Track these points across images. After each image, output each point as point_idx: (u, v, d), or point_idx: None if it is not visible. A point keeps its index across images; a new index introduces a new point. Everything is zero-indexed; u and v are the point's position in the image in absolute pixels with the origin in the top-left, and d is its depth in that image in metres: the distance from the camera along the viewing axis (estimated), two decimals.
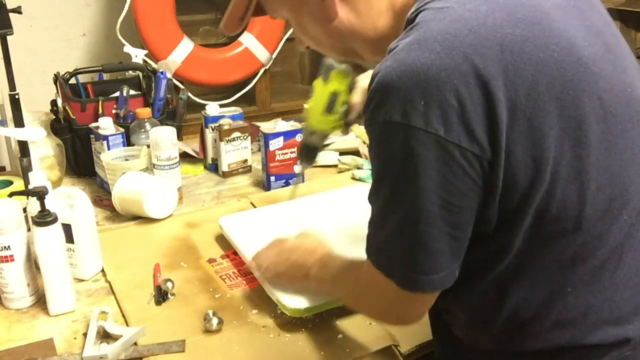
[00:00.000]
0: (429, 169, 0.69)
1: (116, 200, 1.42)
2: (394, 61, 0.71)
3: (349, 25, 0.85)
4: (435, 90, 0.68)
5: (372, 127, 0.74)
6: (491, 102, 0.68)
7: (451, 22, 0.71)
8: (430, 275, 0.75)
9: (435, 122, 0.68)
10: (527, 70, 0.70)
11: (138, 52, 1.87)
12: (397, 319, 0.88)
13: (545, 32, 0.72)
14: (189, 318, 1.08)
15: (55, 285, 1.09)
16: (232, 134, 1.63)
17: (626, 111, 0.76)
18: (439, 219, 0.72)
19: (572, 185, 0.73)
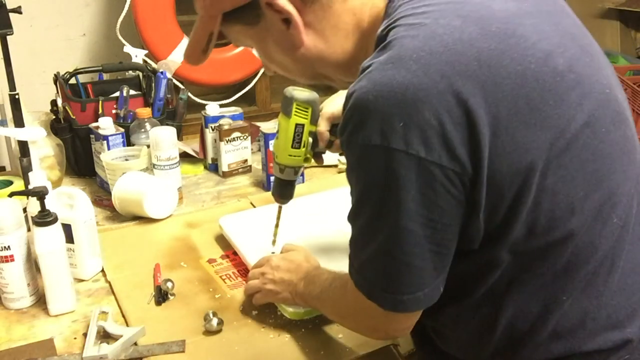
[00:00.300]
0: (411, 189, 0.69)
1: (116, 200, 1.42)
2: (369, 81, 0.70)
3: (316, 52, 0.84)
4: (413, 111, 0.67)
5: (350, 149, 0.72)
6: (471, 119, 0.67)
7: (425, 39, 0.70)
8: (414, 294, 0.75)
9: (416, 143, 0.67)
10: (506, 84, 0.69)
11: (138, 52, 1.87)
12: (385, 335, 0.89)
13: (520, 43, 0.71)
14: (189, 318, 1.07)
15: (55, 285, 1.09)
16: (232, 134, 1.63)
17: (607, 113, 0.76)
18: (422, 237, 0.71)
19: (559, 195, 0.72)
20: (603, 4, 3.05)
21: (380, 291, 0.76)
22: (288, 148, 1.07)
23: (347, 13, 0.82)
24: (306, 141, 1.06)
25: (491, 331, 0.80)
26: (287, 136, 1.06)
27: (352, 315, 0.88)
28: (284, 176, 1.11)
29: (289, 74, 0.91)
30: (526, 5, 0.76)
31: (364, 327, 0.88)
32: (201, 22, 0.86)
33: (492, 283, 0.77)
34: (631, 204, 0.79)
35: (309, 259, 1.09)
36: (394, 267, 0.74)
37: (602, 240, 0.76)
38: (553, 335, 0.78)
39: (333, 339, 1.02)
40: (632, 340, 0.78)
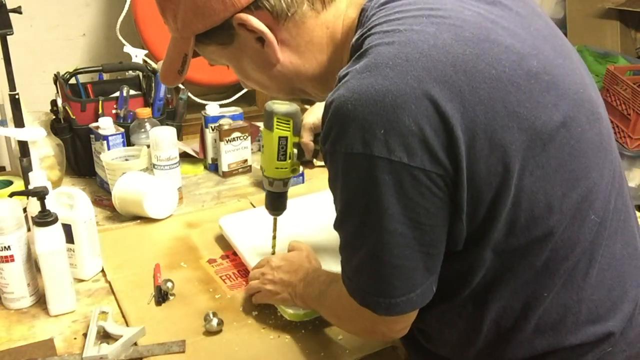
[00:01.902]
0: (396, 194, 0.69)
1: (116, 200, 1.42)
2: (347, 90, 0.70)
3: (292, 68, 0.84)
4: (393, 117, 0.67)
5: (333, 158, 0.73)
6: (449, 125, 0.67)
7: (401, 45, 0.70)
8: (407, 295, 0.75)
9: (398, 149, 0.67)
10: (482, 89, 0.69)
11: (138, 52, 1.87)
12: (382, 336, 0.89)
13: (494, 48, 0.72)
14: (189, 318, 1.07)
15: (55, 285, 1.09)
16: (232, 134, 1.63)
17: (582, 112, 0.77)
18: (411, 238, 0.72)
19: (538, 195, 0.73)
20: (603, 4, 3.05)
21: (373, 296, 0.77)
22: (274, 161, 1.07)
23: (320, 27, 0.82)
24: (291, 153, 1.07)
25: (477, 330, 0.81)
26: (272, 150, 1.07)
27: (349, 319, 0.88)
28: (274, 189, 1.12)
29: (266, 90, 0.91)
30: (497, 10, 0.77)
31: (361, 329, 0.89)
32: (174, 44, 0.86)
33: (476, 284, 0.78)
34: (608, 200, 0.80)
35: (311, 260, 1.09)
36: (385, 271, 0.74)
37: (581, 236, 0.77)
38: (536, 331, 0.79)
39: (333, 340, 1.02)
40: (614, 333, 0.80)
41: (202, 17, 0.80)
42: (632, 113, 2.55)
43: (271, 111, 1.05)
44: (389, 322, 0.80)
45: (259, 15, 0.79)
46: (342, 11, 0.83)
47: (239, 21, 0.79)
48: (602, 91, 2.70)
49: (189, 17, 0.80)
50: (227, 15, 0.79)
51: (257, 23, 0.79)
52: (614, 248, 0.81)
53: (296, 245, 1.15)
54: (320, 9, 0.81)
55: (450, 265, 0.77)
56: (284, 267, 1.07)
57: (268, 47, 0.81)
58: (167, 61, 0.88)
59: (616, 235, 0.81)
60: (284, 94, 0.92)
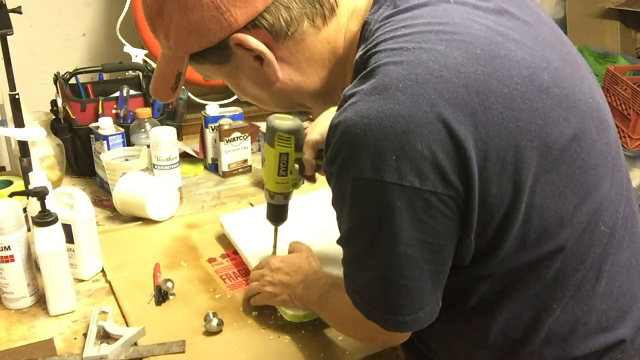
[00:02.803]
0: (408, 219, 0.68)
1: (117, 201, 1.42)
2: (355, 113, 0.67)
3: (292, 85, 0.82)
4: (405, 143, 0.65)
5: (340, 182, 0.71)
6: (461, 147, 0.66)
7: (410, 66, 0.67)
8: (416, 313, 0.75)
9: (410, 174, 0.66)
10: (494, 109, 0.67)
11: (138, 52, 1.87)
12: (383, 344, 0.90)
13: (505, 64, 0.70)
14: (189, 318, 1.07)
15: (55, 285, 1.09)
16: (232, 134, 1.63)
17: (592, 123, 0.75)
18: (421, 260, 0.71)
19: (549, 211, 0.72)
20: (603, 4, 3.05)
21: (381, 313, 0.76)
22: (275, 176, 1.07)
23: (321, 43, 0.80)
24: (292, 168, 1.06)
25: (484, 340, 0.80)
26: (273, 165, 1.06)
27: (351, 326, 0.88)
28: (275, 202, 1.11)
29: (264, 105, 0.89)
30: (505, 20, 0.75)
31: (362, 337, 0.89)
32: (166, 61, 0.83)
33: (483, 294, 0.77)
34: (617, 210, 0.79)
35: (310, 261, 1.08)
36: (394, 291, 0.73)
37: (591, 248, 0.76)
38: (545, 342, 0.78)
39: (333, 341, 1.02)
40: (624, 341, 0.79)
41: (197, 37, 0.77)
42: (632, 113, 2.55)
43: (273, 127, 1.03)
44: (392, 335, 0.79)
45: (257, 35, 0.76)
46: (343, 25, 0.80)
47: (236, 41, 0.76)
48: (602, 91, 2.70)
49: (183, 36, 0.78)
50: (223, 35, 0.76)
51: (255, 43, 0.76)
52: (622, 256, 0.80)
53: (296, 247, 1.14)
54: (321, 24, 0.78)
55: (458, 277, 0.76)
56: (284, 268, 1.06)
57: (267, 66, 0.79)
58: (159, 77, 0.85)
59: (624, 243, 0.80)
60: (283, 108, 0.91)
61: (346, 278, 0.80)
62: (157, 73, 0.86)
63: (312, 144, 1.06)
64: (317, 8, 0.77)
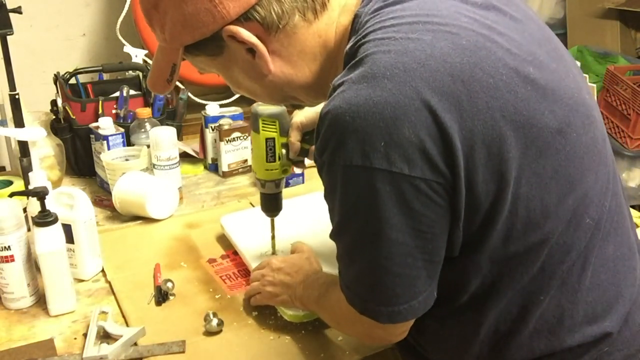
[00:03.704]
0: (398, 205, 0.69)
1: (117, 201, 1.42)
2: (344, 101, 0.69)
3: (284, 77, 0.83)
4: (393, 129, 0.66)
5: (330, 171, 0.72)
6: (447, 135, 0.67)
7: (397, 55, 0.69)
8: (410, 302, 0.75)
9: (398, 161, 0.67)
10: (480, 98, 0.69)
11: (138, 52, 1.87)
12: (381, 341, 0.90)
13: (490, 55, 0.71)
14: (189, 318, 1.07)
15: (55, 286, 1.09)
16: (232, 134, 1.63)
17: (577, 117, 0.76)
18: (414, 248, 0.72)
19: (534, 202, 0.73)
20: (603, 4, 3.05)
21: (375, 305, 0.76)
22: (264, 163, 1.08)
23: (312, 36, 0.81)
24: (280, 154, 1.08)
25: (475, 335, 0.81)
26: (261, 151, 1.07)
27: (348, 323, 0.88)
28: (267, 190, 1.12)
29: (257, 98, 0.90)
30: (492, 15, 0.76)
31: (361, 335, 0.89)
32: (162, 53, 0.85)
33: (473, 289, 0.78)
34: (603, 203, 0.80)
35: (312, 261, 1.09)
36: (387, 280, 0.74)
37: (576, 240, 0.77)
38: (534, 335, 0.79)
39: (333, 341, 1.02)
40: (611, 333, 0.80)
41: (191, 29, 0.78)
42: (632, 113, 2.55)
43: (256, 113, 1.05)
44: (388, 327, 0.79)
45: (249, 27, 0.77)
46: (334, 19, 0.81)
47: (228, 33, 0.77)
48: (602, 91, 2.70)
49: (177, 29, 0.79)
50: (216, 27, 0.77)
51: (247, 35, 0.77)
52: (608, 249, 0.81)
53: (298, 247, 1.14)
54: (312, 18, 0.80)
55: (447, 272, 0.77)
56: (285, 269, 1.06)
57: (259, 58, 0.80)
58: (156, 69, 0.87)
59: (610, 237, 0.81)
60: (276, 101, 0.92)
61: (340, 274, 0.81)
62: (154, 65, 0.87)
63: (296, 126, 1.07)
64: (308, 2, 0.79)
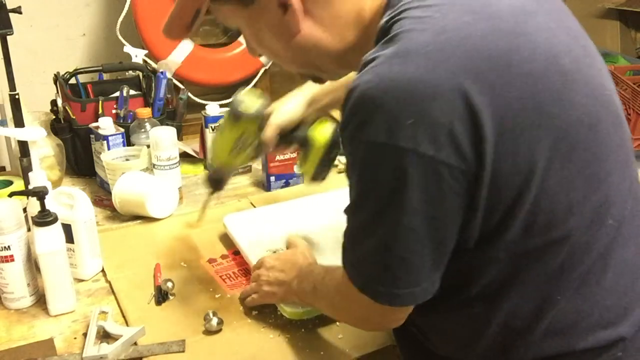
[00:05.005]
0: (417, 188, 0.67)
1: (117, 200, 1.42)
2: (376, 75, 0.67)
3: (313, 40, 0.80)
4: (423, 108, 0.64)
5: (354, 146, 0.70)
6: (478, 120, 0.65)
7: (435, 33, 0.67)
8: (411, 288, 0.74)
9: (425, 141, 0.65)
10: (514, 84, 0.67)
11: (138, 52, 1.87)
12: (376, 326, 0.89)
13: (528, 43, 0.70)
14: (189, 318, 1.07)
15: (55, 285, 1.09)
16: None
17: (608, 115, 0.75)
18: (424, 236, 0.70)
19: (559, 196, 0.71)
20: (603, 4, 3.05)
21: (376, 285, 0.75)
22: (226, 155, 1.06)
23: (348, 1, 0.78)
24: (247, 149, 1.06)
25: (483, 331, 0.79)
26: (228, 143, 1.05)
27: (345, 307, 0.87)
28: (216, 175, 1.10)
29: (277, 60, 0.86)
30: (530, 3, 0.75)
31: (356, 318, 0.87)
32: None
33: (486, 282, 0.76)
34: (625, 206, 0.79)
35: (306, 255, 1.08)
36: (392, 262, 0.73)
37: (598, 241, 0.76)
38: (546, 335, 0.78)
39: (333, 339, 1.02)
40: (625, 339, 0.79)
41: None
42: (632, 113, 2.55)
43: (237, 112, 1.02)
44: (386, 311, 0.78)
45: None
46: None
47: None
48: None
49: None
50: None
51: None
52: (628, 253, 0.79)
53: (292, 241, 1.14)
54: None
55: (459, 263, 0.75)
56: (278, 266, 1.06)
57: (291, 15, 0.76)
58: (176, 12, 0.82)
59: (630, 240, 0.80)
60: (296, 66, 0.87)
61: (345, 252, 0.79)
62: (175, 9, 0.83)
63: (275, 126, 1.06)
64: None
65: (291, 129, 1.09)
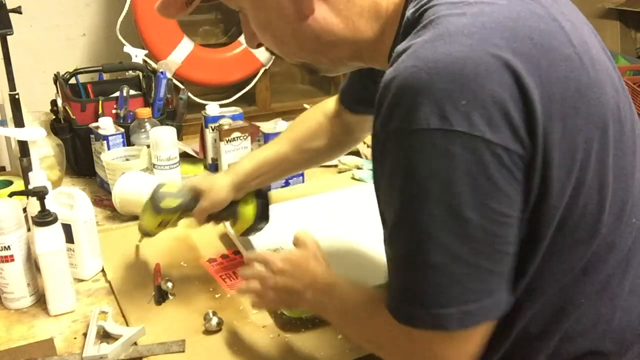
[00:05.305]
0: (479, 176, 0.61)
1: (116, 200, 1.42)
2: (418, 59, 0.62)
3: (324, 25, 0.75)
4: (475, 87, 0.60)
5: (400, 140, 0.63)
6: (529, 100, 0.61)
7: (474, 16, 0.64)
8: (481, 301, 0.65)
9: (480, 123, 0.60)
10: (559, 66, 0.64)
11: (138, 52, 1.87)
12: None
13: (562, 28, 0.68)
14: (189, 318, 1.07)
15: (55, 285, 1.09)
16: (232, 134, 1.63)
17: (628, 112, 0.74)
18: (489, 232, 0.64)
19: (593, 191, 0.67)
20: (603, 4, 3.05)
21: (441, 308, 0.65)
22: (153, 228, 1.15)
23: None
24: (172, 224, 1.15)
25: (506, 335, 0.74)
26: (152, 222, 1.13)
27: (400, 352, 0.74)
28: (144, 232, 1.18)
29: (281, 47, 0.80)
30: None
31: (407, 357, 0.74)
32: None
33: (517, 288, 0.70)
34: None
35: (319, 259, 0.94)
36: (459, 272, 0.64)
37: (622, 241, 0.72)
38: (564, 338, 0.74)
39: (333, 339, 1.02)
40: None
41: None
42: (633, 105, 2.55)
43: (159, 205, 1.11)
44: (455, 340, 0.67)
45: None
46: None
47: None
48: None
49: None
50: None
51: None
52: None
53: (301, 240, 0.97)
54: None
55: None
56: (288, 271, 0.92)
57: None
58: None
59: None
60: (298, 57, 0.81)
61: (393, 288, 0.69)
62: None
63: (204, 212, 1.12)
64: None
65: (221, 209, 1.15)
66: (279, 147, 1.17)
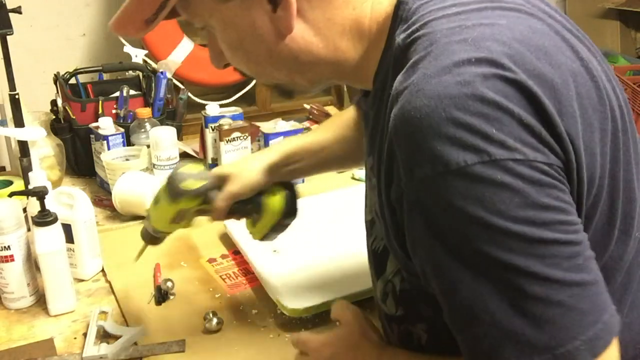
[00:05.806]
0: (539, 198, 0.57)
1: (116, 200, 1.42)
2: (427, 98, 0.58)
3: (302, 44, 0.70)
4: (499, 115, 0.57)
5: (434, 188, 0.58)
6: (551, 119, 0.59)
7: (476, 41, 0.60)
8: (601, 318, 0.59)
9: (518, 146, 0.57)
10: (570, 82, 0.62)
11: (138, 52, 1.87)
12: None
13: (564, 42, 0.66)
14: (189, 318, 1.07)
15: (55, 285, 1.09)
16: (232, 134, 1.63)
17: (626, 121, 0.72)
18: (576, 243, 0.59)
19: (604, 207, 0.65)
20: (603, 4, 3.06)
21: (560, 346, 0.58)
22: (166, 224, 1.00)
23: (346, 6, 0.69)
24: (189, 220, 1.00)
25: None
26: (168, 215, 0.98)
27: None
28: (154, 234, 1.04)
29: (252, 68, 0.76)
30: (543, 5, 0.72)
31: None
32: None
33: None
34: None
35: (370, 335, 0.81)
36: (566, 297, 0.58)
37: (626, 255, 0.70)
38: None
39: None
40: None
41: None
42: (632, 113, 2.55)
43: (179, 186, 0.95)
44: None
45: None
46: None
47: None
48: None
49: None
50: None
51: None
52: None
53: (341, 316, 0.84)
54: None
55: None
56: (339, 355, 0.81)
57: (284, 10, 0.67)
58: (134, 4, 0.71)
59: None
60: (273, 78, 0.77)
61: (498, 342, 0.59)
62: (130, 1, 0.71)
63: (231, 197, 0.97)
64: None
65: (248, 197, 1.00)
66: (318, 134, 1.09)
